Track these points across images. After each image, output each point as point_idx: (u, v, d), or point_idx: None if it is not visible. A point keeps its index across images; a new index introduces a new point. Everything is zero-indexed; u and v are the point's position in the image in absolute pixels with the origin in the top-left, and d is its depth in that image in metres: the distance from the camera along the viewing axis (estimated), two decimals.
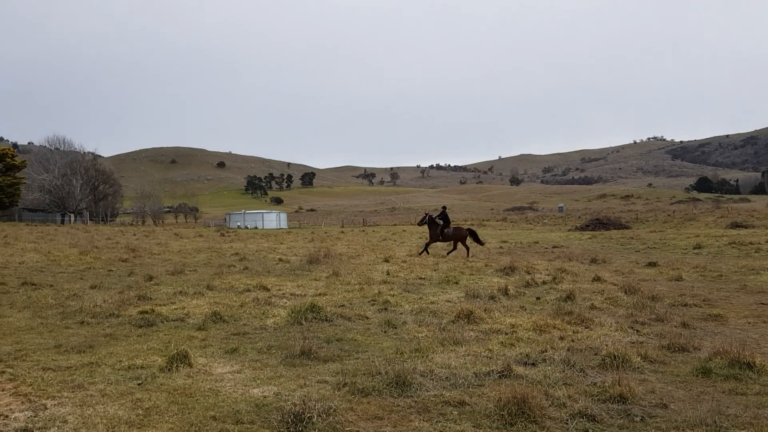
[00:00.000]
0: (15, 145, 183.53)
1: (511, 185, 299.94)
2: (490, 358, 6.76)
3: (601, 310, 9.83)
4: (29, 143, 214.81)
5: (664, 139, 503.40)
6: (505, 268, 15.54)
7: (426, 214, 24.26)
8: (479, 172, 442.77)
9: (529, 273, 14.91)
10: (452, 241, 23.18)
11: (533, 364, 6.52)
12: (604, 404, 5.14)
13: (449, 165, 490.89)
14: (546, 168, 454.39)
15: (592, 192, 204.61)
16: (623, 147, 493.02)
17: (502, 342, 7.54)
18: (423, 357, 6.74)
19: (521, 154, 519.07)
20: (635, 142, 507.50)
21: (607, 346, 7.04)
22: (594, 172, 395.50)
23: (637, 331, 8.26)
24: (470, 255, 21.58)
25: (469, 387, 5.71)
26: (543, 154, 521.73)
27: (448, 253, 22.50)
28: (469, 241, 22.79)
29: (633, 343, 7.49)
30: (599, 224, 44.90)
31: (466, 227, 24.51)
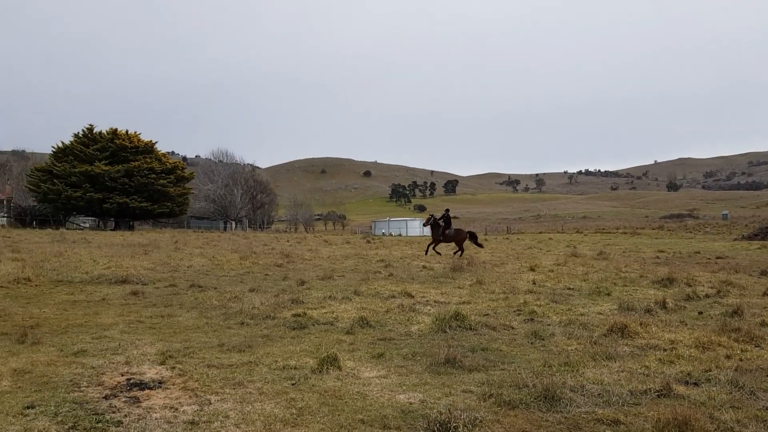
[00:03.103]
0: (184, 159, 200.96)
1: (668, 191, 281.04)
2: (647, 376, 6.35)
3: None
4: (196, 156, 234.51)
5: None
6: (662, 280, 14.55)
7: (431, 216, 26.33)
8: (632, 178, 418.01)
9: (689, 285, 13.84)
10: (455, 243, 25.42)
11: (696, 384, 6.03)
12: None
13: (599, 170, 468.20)
14: (707, 172, 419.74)
15: (761, 198, 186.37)
16: None
17: (660, 359, 7.05)
18: (573, 371, 6.46)
19: (679, 158, 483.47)
20: None
21: None
22: (763, 176, 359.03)
23: None
24: (463, 255, 23.54)
25: (623, 405, 5.38)
26: (704, 157, 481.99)
27: (454, 253, 24.52)
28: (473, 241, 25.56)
29: None
30: None
31: (467, 230, 26.81)
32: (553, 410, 5.22)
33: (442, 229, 25.55)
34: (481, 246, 26.22)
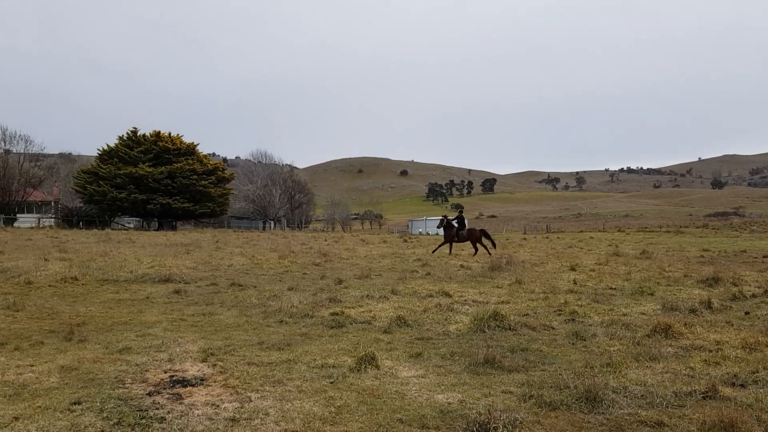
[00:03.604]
0: (225, 160, 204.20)
1: (713, 189, 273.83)
2: (692, 377, 6.19)
3: None
4: (236, 157, 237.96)
5: None
6: (707, 279, 14.16)
7: (444, 217, 26.82)
8: (675, 175, 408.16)
9: (735, 285, 13.45)
10: (470, 242, 25.91)
11: (742, 386, 5.85)
12: None
13: (641, 168, 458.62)
14: (754, 169, 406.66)
15: None
16: None
17: (705, 360, 6.87)
18: (615, 372, 6.34)
19: (725, 155, 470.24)
20: None
21: None
22: None
23: None
24: (476, 254, 24.65)
25: (668, 407, 5.26)
26: (750, 154, 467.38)
27: (475, 254, 24.90)
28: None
29: None
30: None
31: (479, 228, 27.03)
32: (595, 412, 5.13)
33: (456, 230, 25.93)
34: (494, 244, 26.41)
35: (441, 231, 29.25)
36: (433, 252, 25.65)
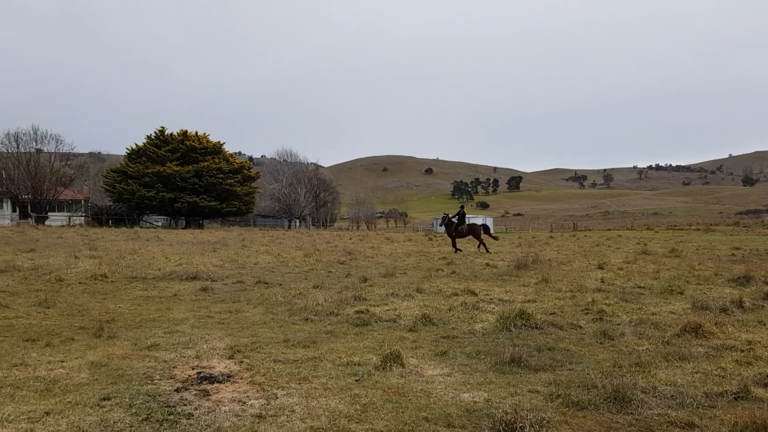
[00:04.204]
0: (250, 159, 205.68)
1: (744, 186, 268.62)
2: (723, 377, 6.07)
3: None
4: (262, 156, 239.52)
5: None
6: (738, 278, 13.88)
7: (445, 215, 27.67)
8: (705, 172, 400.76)
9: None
10: (473, 237, 26.70)
11: None
12: None
13: (670, 165, 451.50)
14: None
15: None
16: None
17: (737, 360, 6.73)
18: (644, 372, 6.24)
19: (756, 151, 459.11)
20: None
21: None
22: None
23: None
24: (480, 249, 25.74)
25: (698, 408, 5.16)
26: None
27: (479, 248, 26.02)
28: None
29: None
30: None
31: (480, 224, 27.82)
32: (624, 412, 5.06)
33: (456, 226, 26.67)
34: (496, 238, 28.64)
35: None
36: (455, 250, 25.72)
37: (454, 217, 27.23)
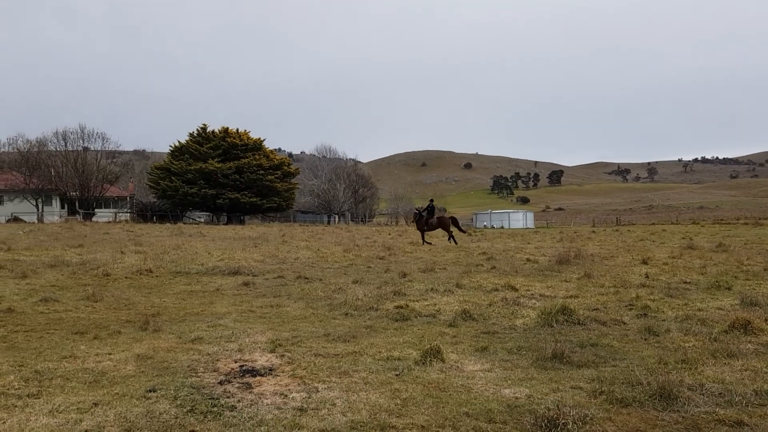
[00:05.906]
0: (290, 155, 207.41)
1: None
2: None
3: None
4: (301, 152, 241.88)
5: None
6: None
7: (417, 210, 29.89)
8: (754, 165, 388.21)
9: None
10: (442, 229, 28.28)
11: None
12: None
13: (716, 158, 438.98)
14: None
15: None
16: None
17: None
18: (691, 369, 6.09)
19: None
20: None
21: None
22: None
23: None
24: (451, 240, 27.30)
25: (747, 406, 5.02)
26: None
27: (449, 240, 27.61)
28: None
29: None
30: None
31: (449, 216, 29.65)
32: (670, 409, 4.94)
33: (426, 219, 28.09)
34: (463, 231, 29.81)
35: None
36: (423, 243, 26.91)
37: (423, 210, 28.84)
